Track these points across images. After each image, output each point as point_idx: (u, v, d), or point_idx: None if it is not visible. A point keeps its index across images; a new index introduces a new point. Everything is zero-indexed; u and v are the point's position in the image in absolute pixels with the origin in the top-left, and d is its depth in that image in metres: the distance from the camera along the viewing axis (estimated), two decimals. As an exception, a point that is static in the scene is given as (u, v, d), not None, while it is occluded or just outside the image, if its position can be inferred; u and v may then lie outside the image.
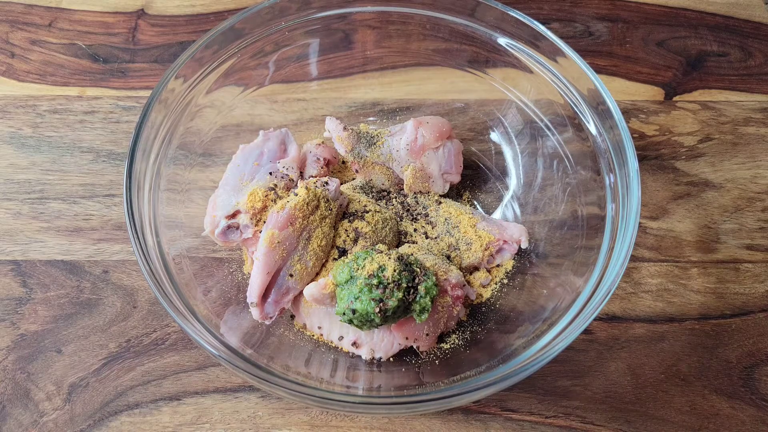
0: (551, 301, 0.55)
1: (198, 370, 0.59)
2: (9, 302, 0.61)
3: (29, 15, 0.79)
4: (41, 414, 0.56)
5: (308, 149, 0.63)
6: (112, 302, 0.61)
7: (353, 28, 0.65)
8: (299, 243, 0.54)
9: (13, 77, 0.74)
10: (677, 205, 0.67)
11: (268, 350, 0.55)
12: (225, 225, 0.56)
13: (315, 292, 0.53)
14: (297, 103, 0.69)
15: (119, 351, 0.59)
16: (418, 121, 0.62)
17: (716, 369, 0.59)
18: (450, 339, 0.58)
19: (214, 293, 0.58)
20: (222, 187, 0.58)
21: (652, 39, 0.79)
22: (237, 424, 0.56)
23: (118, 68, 0.75)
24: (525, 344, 0.51)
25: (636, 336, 0.61)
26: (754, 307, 0.62)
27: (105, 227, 0.65)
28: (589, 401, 0.58)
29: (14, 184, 0.67)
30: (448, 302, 0.55)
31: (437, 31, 0.64)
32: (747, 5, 0.82)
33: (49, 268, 0.63)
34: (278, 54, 0.64)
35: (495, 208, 0.65)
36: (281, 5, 0.61)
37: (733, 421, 0.57)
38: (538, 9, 0.81)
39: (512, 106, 0.65)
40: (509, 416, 0.57)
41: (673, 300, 0.62)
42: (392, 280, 0.50)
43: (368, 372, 0.55)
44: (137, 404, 0.57)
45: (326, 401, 0.46)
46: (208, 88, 0.60)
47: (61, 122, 0.71)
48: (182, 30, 0.78)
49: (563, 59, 0.58)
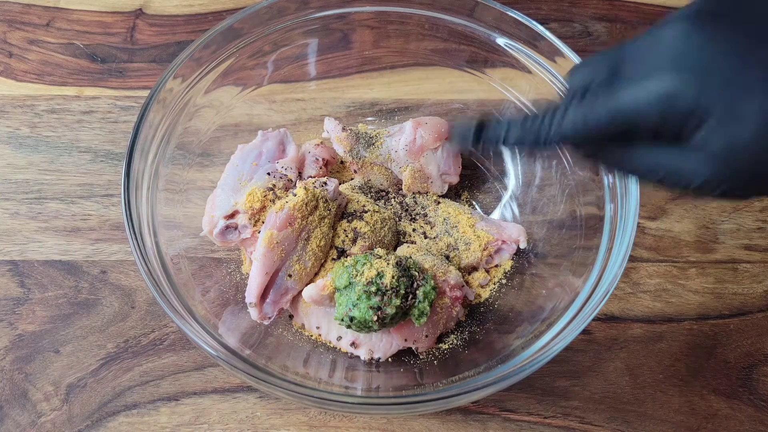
0: (550, 301, 0.55)
1: (196, 371, 0.59)
2: (7, 302, 0.61)
3: (27, 14, 0.79)
4: (39, 414, 0.56)
5: (307, 149, 0.63)
6: (110, 302, 0.61)
7: (352, 28, 0.65)
8: (298, 243, 0.54)
9: (10, 77, 0.74)
10: (675, 205, 0.67)
11: (267, 350, 0.55)
12: (223, 225, 0.56)
13: (314, 293, 0.53)
14: (295, 103, 0.69)
15: (117, 351, 0.59)
16: (417, 122, 0.62)
17: (714, 369, 0.59)
18: (449, 339, 0.58)
19: (212, 293, 0.57)
20: (220, 187, 0.58)
21: (651, 39, 0.79)
22: (235, 424, 0.56)
23: (116, 68, 0.75)
24: (524, 344, 0.51)
25: (634, 336, 0.61)
26: (752, 307, 0.62)
27: (103, 227, 0.65)
28: (588, 401, 0.58)
29: (12, 184, 0.67)
30: (447, 303, 0.55)
31: (436, 31, 0.64)
32: (745, 5, 0.82)
33: (46, 268, 0.63)
34: (277, 54, 0.64)
35: (494, 208, 0.65)
36: (280, 5, 0.61)
37: (731, 421, 0.57)
38: (536, 9, 0.81)
39: (511, 106, 0.65)
40: (508, 416, 0.57)
41: (671, 300, 0.62)
42: (390, 287, 0.50)
43: (367, 372, 0.55)
44: (135, 405, 0.57)
45: (324, 401, 0.46)
46: (206, 88, 0.60)
47: (59, 122, 0.71)
48: (180, 30, 0.78)
49: (562, 59, 0.58)
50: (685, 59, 0.33)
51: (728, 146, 0.32)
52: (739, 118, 0.32)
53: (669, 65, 0.33)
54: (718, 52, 0.32)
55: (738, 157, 0.32)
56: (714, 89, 0.32)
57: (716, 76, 0.32)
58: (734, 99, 0.32)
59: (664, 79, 0.33)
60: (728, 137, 0.32)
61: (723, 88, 0.32)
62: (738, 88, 0.32)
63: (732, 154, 0.32)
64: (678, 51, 0.33)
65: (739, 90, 0.32)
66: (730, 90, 0.32)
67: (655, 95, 0.33)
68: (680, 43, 0.33)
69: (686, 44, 0.33)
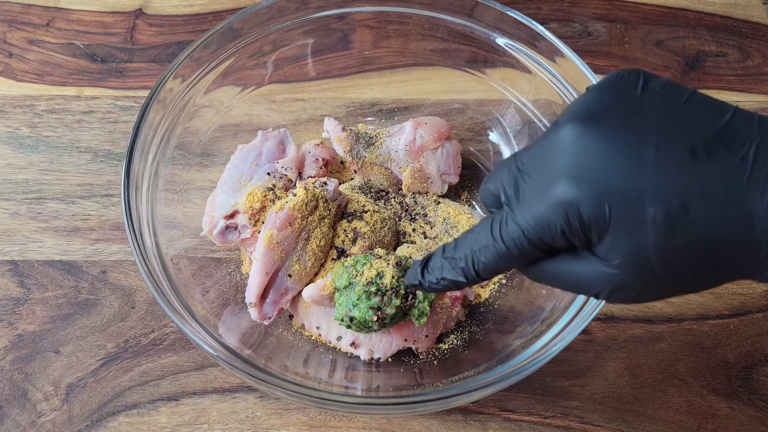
0: (550, 301, 0.55)
1: (196, 371, 0.59)
2: (7, 302, 0.61)
3: (27, 15, 0.79)
4: (39, 414, 0.56)
5: (307, 149, 0.63)
6: (110, 302, 0.61)
7: (352, 28, 0.65)
8: (298, 243, 0.54)
9: (10, 77, 0.74)
10: (675, 206, 0.67)
11: (267, 350, 0.55)
12: (223, 225, 0.56)
13: (314, 294, 0.53)
14: (295, 103, 0.69)
15: (117, 351, 0.59)
16: (417, 122, 0.62)
17: (714, 369, 0.59)
18: (449, 339, 0.58)
19: (212, 293, 0.57)
20: (220, 187, 0.58)
21: (651, 39, 0.79)
22: (235, 424, 0.56)
23: (116, 68, 0.75)
24: (523, 344, 0.51)
25: (634, 336, 0.61)
26: (752, 307, 0.62)
27: (103, 227, 0.65)
28: (588, 401, 0.58)
29: (12, 184, 0.67)
30: (447, 303, 0.55)
31: (436, 31, 0.64)
32: (745, 5, 0.82)
33: (46, 268, 0.63)
34: (276, 54, 0.64)
35: (493, 208, 0.65)
36: (279, 5, 0.61)
37: (731, 421, 0.57)
38: (536, 9, 0.81)
39: (511, 106, 0.65)
40: (508, 416, 0.57)
41: (671, 300, 0.62)
42: (390, 287, 0.50)
43: (367, 372, 0.55)
44: (135, 405, 0.57)
45: (324, 401, 0.46)
46: (206, 88, 0.60)
47: (58, 122, 0.71)
48: (180, 30, 0.78)
49: (562, 59, 0.58)
50: (580, 167, 0.31)
51: (633, 255, 0.31)
52: (641, 225, 0.30)
53: (566, 174, 0.32)
54: (612, 156, 0.31)
55: (644, 265, 0.31)
56: (613, 196, 0.31)
57: (613, 183, 0.31)
58: (634, 206, 0.30)
59: (561, 189, 0.32)
60: (632, 246, 0.31)
61: (622, 195, 0.30)
62: (636, 193, 0.30)
63: (638, 262, 0.31)
64: (573, 158, 0.32)
65: (638, 196, 0.30)
66: (628, 197, 0.30)
67: (554, 206, 0.32)
68: (574, 148, 0.32)
69: (580, 149, 0.32)
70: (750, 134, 0.30)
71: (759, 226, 0.29)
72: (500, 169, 0.36)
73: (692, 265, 0.31)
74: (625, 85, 0.33)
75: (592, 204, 0.31)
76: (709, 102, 0.32)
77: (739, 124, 0.31)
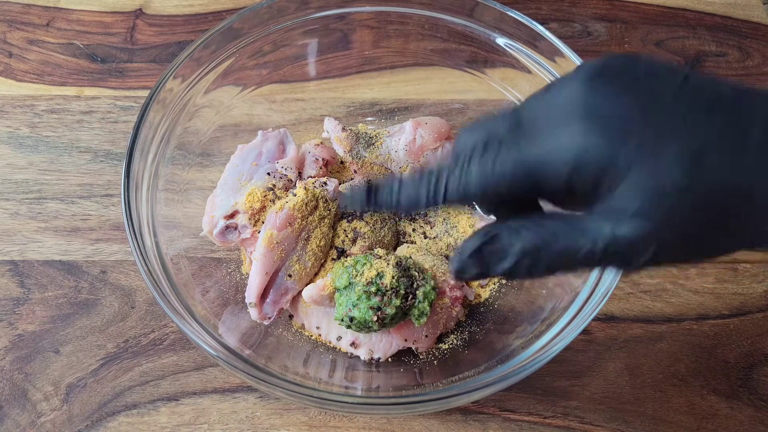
0: (550, 301, 0.55)
1: (196, 371, 0.59)
2: (7, 302, 0.61)
3: (27, 15, 0.79)
4: (39, 414, 0.56)
5: (307, 149, 0.63)
6: (110, 302, 0.61)
7: (351, 28, 0.65)
8: (298, 243, 0.54)
9: (10, 77, 0.74)
10: (675, 206, 0.67)
11: (267, 350, 0.55)
12: (223, 225, 0.56)
13: (314, 294, 0.53)
14: (295, 103, 0.69)
15: (117, 351, 0.59)
16: (417, 122, 0.62)
17: (714, 369, 0.59)
18: (448, 339, 0.58)
19: (212, 293, 0.57)
20: (220, 187, 0.58)
21: (651, 39, 0.79)
22: (235, 424, 0.56)
23: (116, 68, 0.75)
24: (523, 344, 0.51)
25: (634, 336, 0.61)
26: (752, 307, 0.62)
27: (103, 227, 0.65)
28: (588, 401, 0.58)
29: (12, 184, 0.67)
30: (447, 303, 0.55)
31: (436, 31, 0.64)
32: (745, 5, 0.82)
33: (46, 268, 0.63)
34: (276, 54, 0.64)
35: (493, 208, 0.65)
36: (279, 5, 0.61)
37: (731, 421, 0.57)
38: (536, 9, 0.81)
39: (511, 106, 0.65)
40: (508, 416, 0.57)
41: (671, 300, 0.62)
42: (390, 287, 0.50)
43: (367, 372, 0.55)
44: (135, 405, 0.57)
45: (324, 401, 0.46)
46: (206, 88, 0.60)
47: (58, 122, 0.71)
48: (180, 30, 0.78)
49: (562, 59, 0.58)
50: (596, 109, 0.30)
51: (657, 191, 0.29)
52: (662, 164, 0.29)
53: (580, 116, 0.30)
54: (628, 104, 0.30)
55: (666, 209, 0.29)
56: (632, 137, 0.30)
57: (632, 125, 0.30)
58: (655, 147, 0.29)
59: (577, 130, 0.30)
60: (655, 181, 0.29)
61: (641, 137, 0.29)
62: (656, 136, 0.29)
63: (659, 207, 0.29)
64: (587, 103, 0.31)
65: (657, 138, 0.29)
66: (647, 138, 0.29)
67: (567, 146, 0.30)
68: (588, 96, 0.31)
69: (594, 97, 0.31)
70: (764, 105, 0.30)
71: (758, 192, 0.29)
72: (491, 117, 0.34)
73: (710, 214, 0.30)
74: (632, 57, 0.33)
75: (609, 145, 0.30)
76: (717, 78, 0.32)
77: (753, 93, 0.31)
